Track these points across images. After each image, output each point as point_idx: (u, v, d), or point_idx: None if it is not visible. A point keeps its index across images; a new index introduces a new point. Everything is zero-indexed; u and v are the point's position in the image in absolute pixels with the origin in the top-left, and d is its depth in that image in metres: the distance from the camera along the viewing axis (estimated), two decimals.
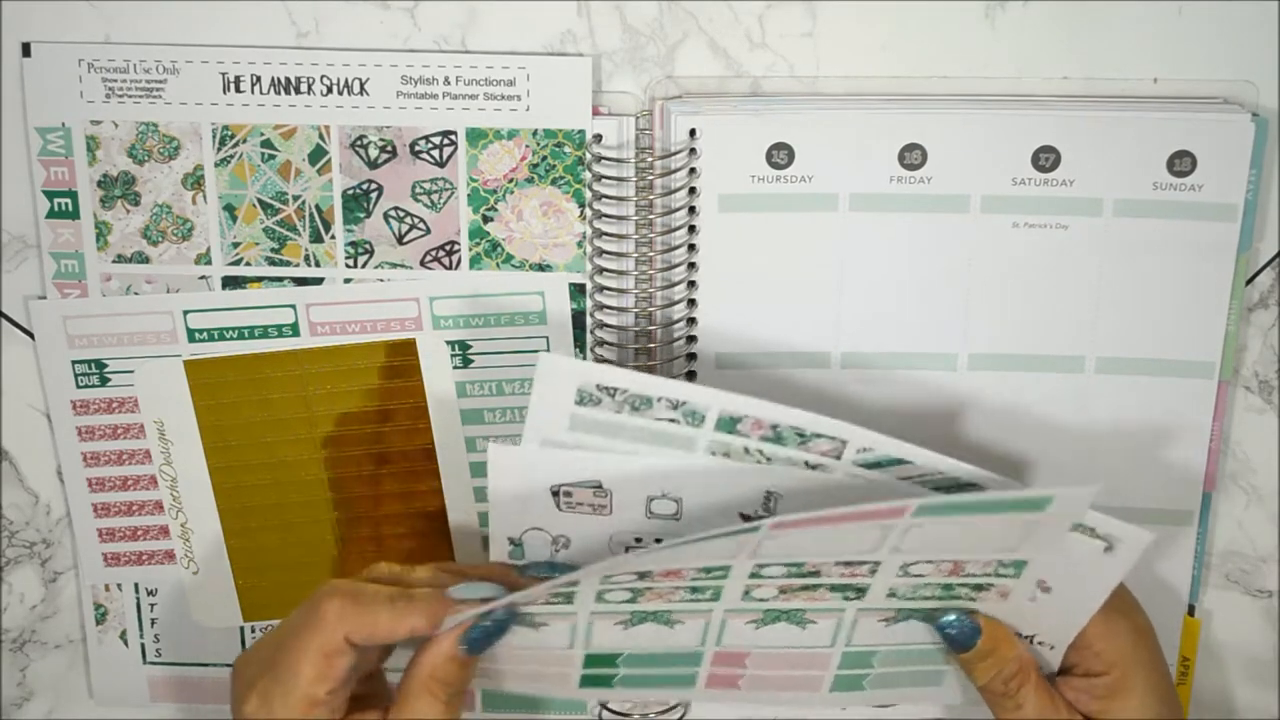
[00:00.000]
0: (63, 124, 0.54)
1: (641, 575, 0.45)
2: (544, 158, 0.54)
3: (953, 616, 0.48)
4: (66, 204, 0.54)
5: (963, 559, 0.45)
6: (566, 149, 0.54)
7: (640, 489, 0.47)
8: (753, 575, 0.45)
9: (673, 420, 0.45)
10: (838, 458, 0.45)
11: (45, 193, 0.54)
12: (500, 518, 0.47)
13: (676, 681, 0.50)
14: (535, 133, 0.53)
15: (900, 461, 0.45)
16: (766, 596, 0.46)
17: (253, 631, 0.59)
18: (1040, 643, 0.49)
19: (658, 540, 0.48)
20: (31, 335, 0.56)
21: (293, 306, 0.55)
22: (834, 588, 0.46)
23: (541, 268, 0.55)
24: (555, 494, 0.47)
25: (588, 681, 0.49)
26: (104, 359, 0.56)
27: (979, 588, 0.47)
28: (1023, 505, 0.43)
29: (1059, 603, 0.47)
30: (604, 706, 0.58)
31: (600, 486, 0.47)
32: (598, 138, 0.53)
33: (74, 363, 0.56)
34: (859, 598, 0.47)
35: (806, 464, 0.46)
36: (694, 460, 0.46)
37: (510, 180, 0.54)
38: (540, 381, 0.45)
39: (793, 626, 0.48)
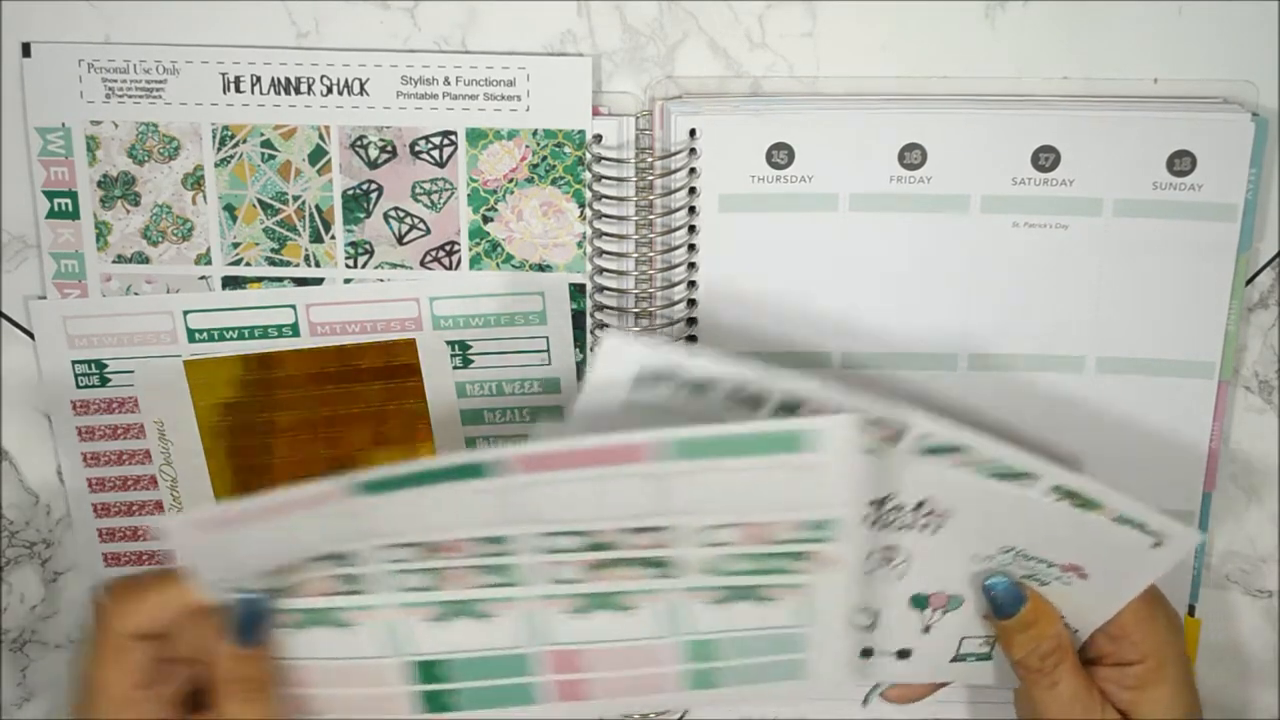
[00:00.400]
0: (63, 124, 0.54)
1: (418, 548, 0.43)
2: (544, 158, 0.54)
3: (999, 579, 0.47)
4: (66, 204, 0.54)
5: (756, 521, 0.43)
6: (566, 149, 0.54)
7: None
8: (547, 551, 0.44)
9: (731, 405, 0.44)
10: (896, 442, 0.44)
11: (45, 193, 0.54)
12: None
13: (520, 696, 0.48)
14: (535, 133, 0.53)
15: (959, 449, 0.44)
16: (572, 577, 0.45)
17: None
18: (1065, 625, 0.48)
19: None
20: (31, 335, 0.56)
21: (293, 306, 0.55)
22: (642, 563, 0.44)
23: (541, 268, 0.55)
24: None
25: (430, 704, 0.47)
26: (104, 359, 0.56)
27: (795, 556, 0.45)
28: (776, 443, 0.41)
29: (1094, 591, 0.46)
30: None
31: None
32: (598, 138, 0.53)
33: (74, 363, 0.56)
34: (672, 575, 0.45)
35: (865, 448, 0.44)
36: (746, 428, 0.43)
37: (510, 180, 0.54)
38: (601, 362, 0.43)
39: (615, 614, 0.46)
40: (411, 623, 0.46)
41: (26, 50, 0.53)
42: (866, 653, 0.51)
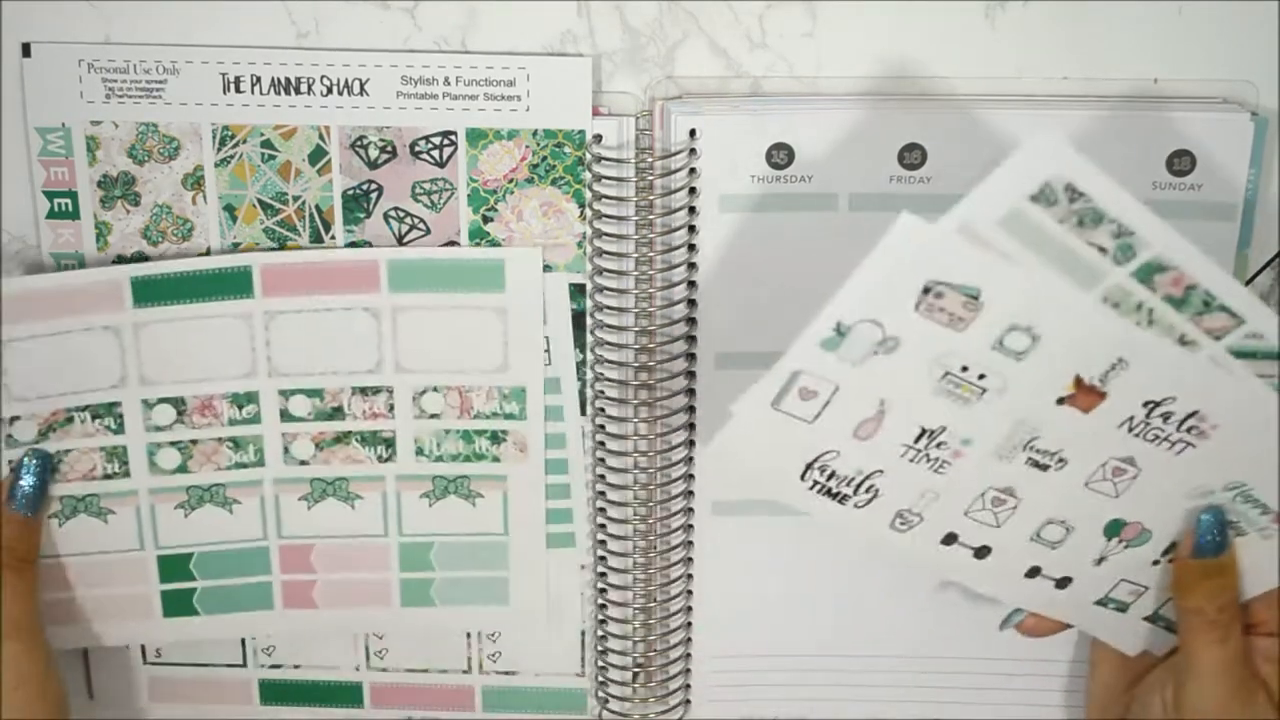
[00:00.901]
0: (63, 124, 0.54)
1: (180, 410, 0.47)
2: (544, 158, 0.54)
3: (1214, 515, 0.45)
4: (66, 204, 0.54)
5: (461, 385, 0.47)
6: (566, 149, 0.54)
7: (1008, 312, 0.42)
8: (285, 418, 0.48)
9: (1103, 249, 0.40)
10: (1219, 338, 0.41)
11: (45, 193, 0.54)
12: (853, 291, 0.42)
13: (255, 599, 0.51)
14: (535, 133, 0.53)
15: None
16: (306, 456, 0.49)
17: None
18: None
19: (981, 377, 0.43)
20: None
21: None
22: (364, 439, 0.48)
23: (542, 268, 0.55)
24: (926, 290, 0.41)
25: (170, 606, 0.51)
26: None
27: (495, 438, 0.48)
28: (474, 275, 0.45)
29: None
30: (604, 707, 0.58)
31: (976, 298, 0.41)
32: (598, 138, 0.53)
33: None
34: (391, 458, 0.48)
35: (1182, 337, 0.41)
36: (1078, 300, 0.41)
37: (510, 180, 0.54)
38: (1022, 156, 0.40)
39: (342, 505, 0.50)
40: (162, 512, 0.49)
41: (26, 50, 0.53)
42: (1033, 572, 0.48)
